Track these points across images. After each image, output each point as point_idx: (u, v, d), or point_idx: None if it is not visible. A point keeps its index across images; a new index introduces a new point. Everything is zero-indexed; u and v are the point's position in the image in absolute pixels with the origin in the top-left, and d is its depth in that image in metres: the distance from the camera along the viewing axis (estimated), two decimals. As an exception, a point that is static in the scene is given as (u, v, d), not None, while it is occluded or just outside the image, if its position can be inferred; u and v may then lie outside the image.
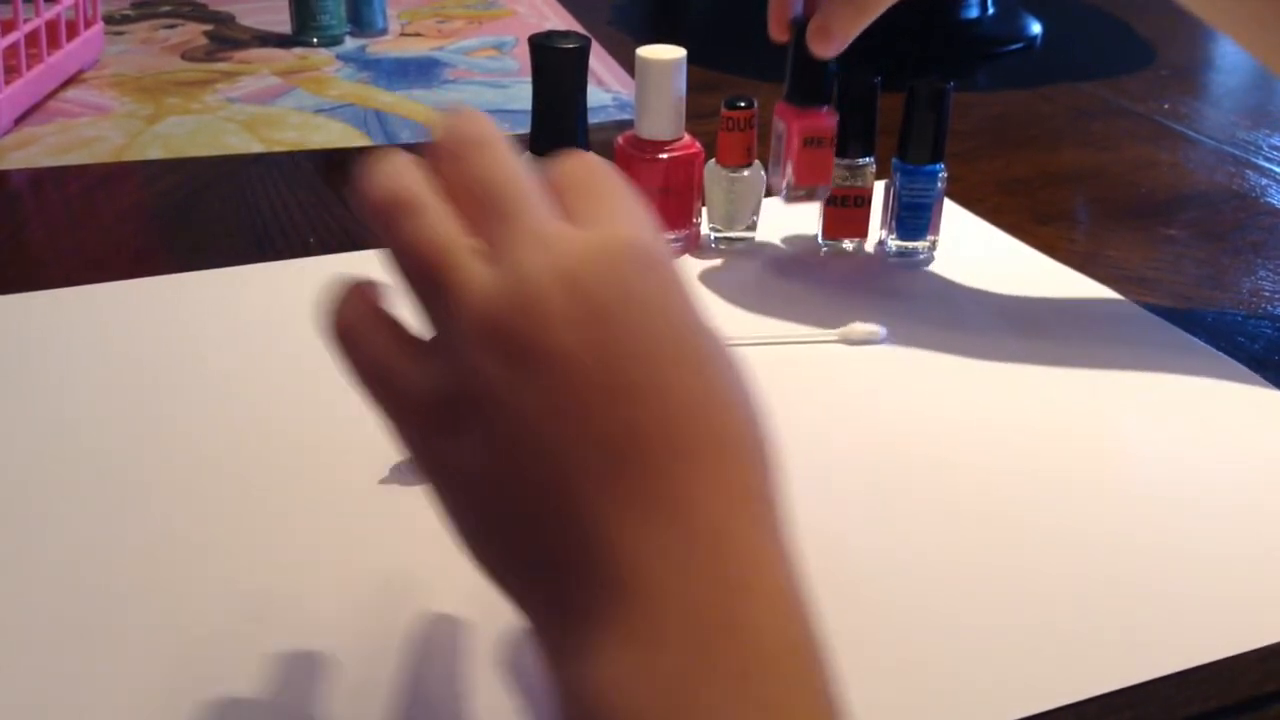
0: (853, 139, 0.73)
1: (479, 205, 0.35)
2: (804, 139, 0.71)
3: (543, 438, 0.31)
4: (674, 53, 0.73)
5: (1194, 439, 0.60)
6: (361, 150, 0.95)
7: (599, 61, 1.14)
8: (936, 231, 0.76)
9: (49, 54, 1.01)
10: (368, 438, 0.57)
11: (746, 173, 0.75)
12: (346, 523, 0.52)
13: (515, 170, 0.35)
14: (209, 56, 1.16)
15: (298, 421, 0.59)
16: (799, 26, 0.69)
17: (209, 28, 1.25)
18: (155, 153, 0.93)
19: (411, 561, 0.50)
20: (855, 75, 0.72)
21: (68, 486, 0.54)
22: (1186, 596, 0.49)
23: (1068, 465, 0.58)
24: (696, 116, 0.76)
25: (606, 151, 0.75)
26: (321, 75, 1.12)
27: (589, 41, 0.69)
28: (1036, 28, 1.25)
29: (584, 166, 0.37)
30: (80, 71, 1.08)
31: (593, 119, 0.73)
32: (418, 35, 1.24)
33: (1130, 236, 0.82)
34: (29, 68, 0.98)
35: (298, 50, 1.18)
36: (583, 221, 0.34)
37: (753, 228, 0.77)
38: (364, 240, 0.78)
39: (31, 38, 0.98)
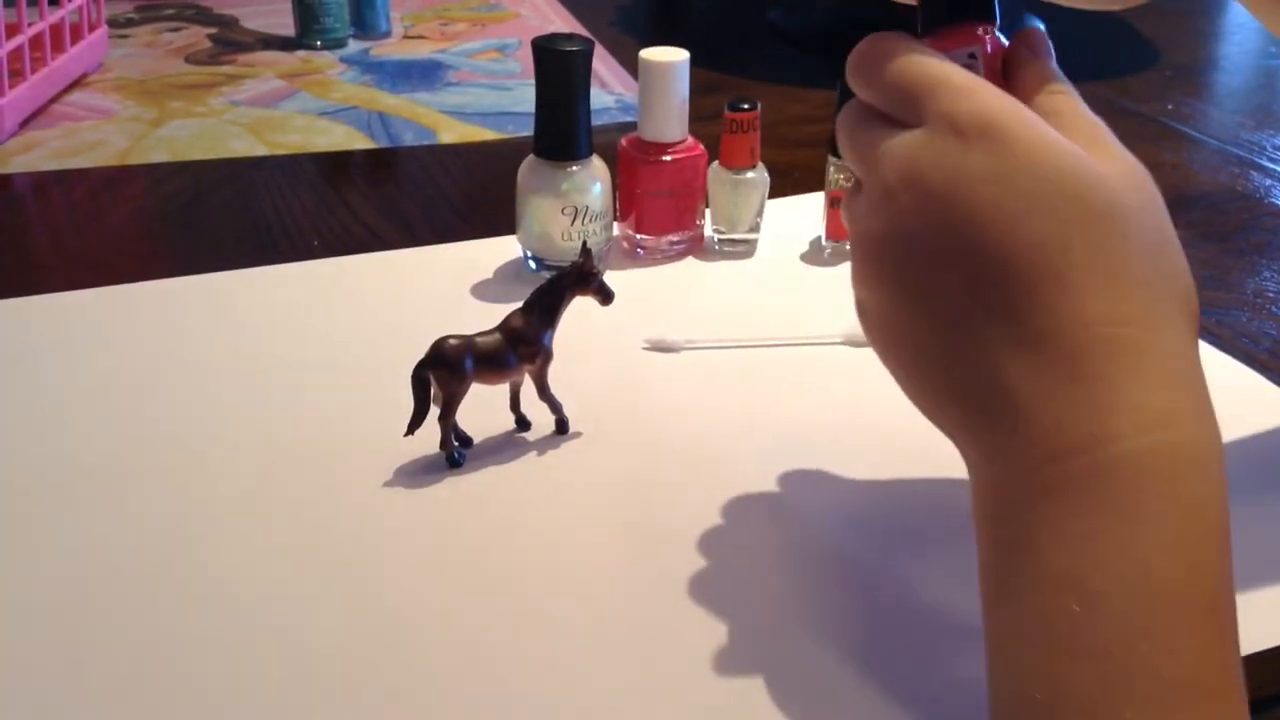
0: None
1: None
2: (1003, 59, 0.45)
3: (930, 277, 0.38)
4: (677, 55, 0.73)
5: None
6: (365, 153, 0.95)
7: (602, 63, 1.14)
8: (940, 233, 0.76)
9: (53, 58, 1.01)
10: (372, 440, 0.57)
11: (750, 174, 0.75)
12: (350, 525, 0.52)
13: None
14: (212, 60, 1.16)
15: (302, 424, 0.59)
16: None
17: (212, 31, 1.25)
18: (159, 156, 0.93)
19: (413, 562, 0.50)
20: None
21: (70, 489, 0.54)
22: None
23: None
24: (699, 118, 0.76)
25: (610, 154, 0.75)
26: (325, 78, 1.12)
27: (592, 44, 0.69)
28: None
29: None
30: (84, 75, 1.09)
31: (596, 121, 0.73)
32: (421, 38, 1.24)
33: (1134, 237, 0.82)
34: (33, 71, 0.98)
35: (301, 53, 1.18)
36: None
37: (756, 229, 0.77)
38: (367, 244, 0.79)
39: (35, 41, 0.98)
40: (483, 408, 0.57)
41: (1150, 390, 0.35)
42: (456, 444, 0.56)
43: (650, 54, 0.73)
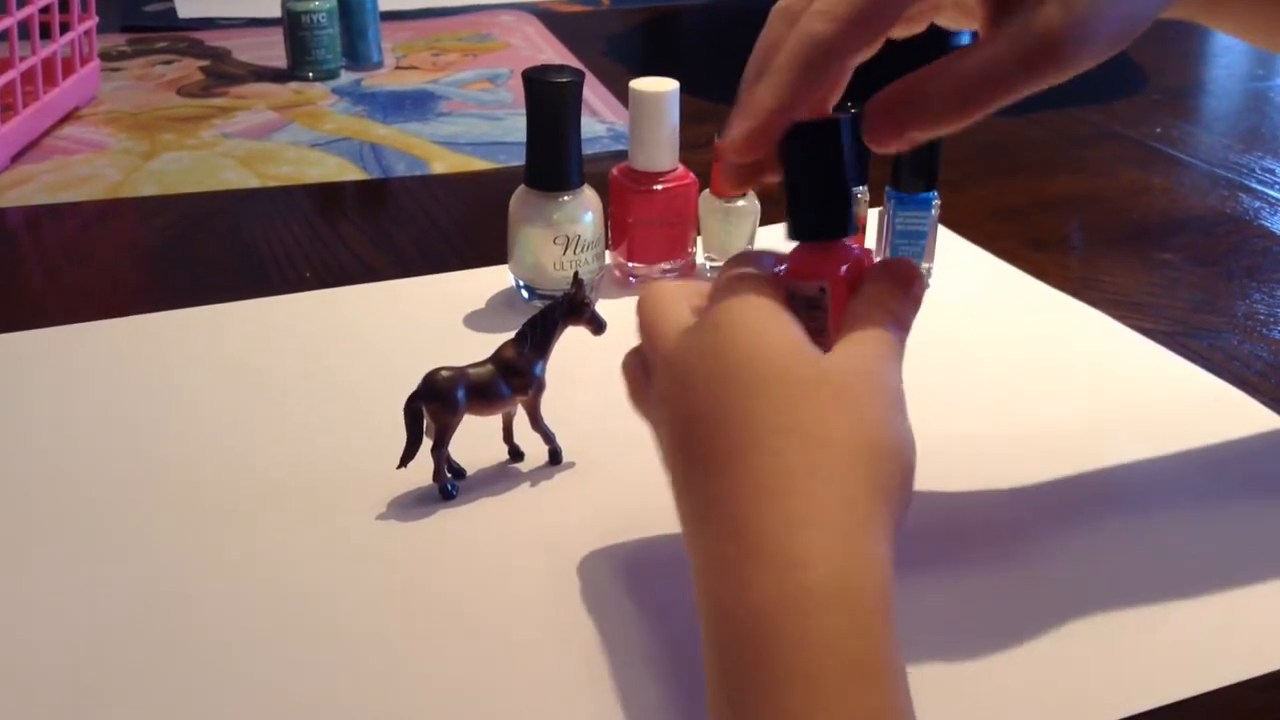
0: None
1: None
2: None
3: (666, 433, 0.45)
4: (667, 85, 0.73)
5: (1191, 465, 0.60)
6: (357, 184, 0.95)
7: (593, 92, 1.14)
8: (931, 259, 0.76)
9: (45, 91, 1.01)
10: (365, 472, 0.57)
11: (741, 203, 0.75)
12: (343, 557, 0.52)
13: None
14: (205, 92, 1.16)
15: (295, 456, 0.59)
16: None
17: (205, 63, 1.25)
18: (151, 189, 0.93)
19: (406, 594, 0.50)
20: (848, 104, 0.73)
21: (64, 522, 0.54)
22: (1183, 625, 0.49)
23: (1063, 493, 0.57)
24: (691, 146, 0.76)
25: (602, 182, 0.75)
26: (317, 109, 1.12)
27: (582, 75, 0.70)
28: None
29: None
30: (76, 108, 1.09)
31: (587, 150, 0.74)
32: (413, 68, 1.25)
33: (1124, 261, 0.82)
34: (25, 105, 0.98)
35: (293, 85, 1.19)
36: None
37: (748, 257, 0.77)
38: (359, 275, 0.79)
39: (28, 75, 0.98)
40: (476, 439, 0.57)
41: (788, 535, 0.37)
42: (449, 476, 0.56)
43: (641, 84, 0.73)
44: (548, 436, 0.58)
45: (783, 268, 0.46)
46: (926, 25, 0.46)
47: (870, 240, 0.78)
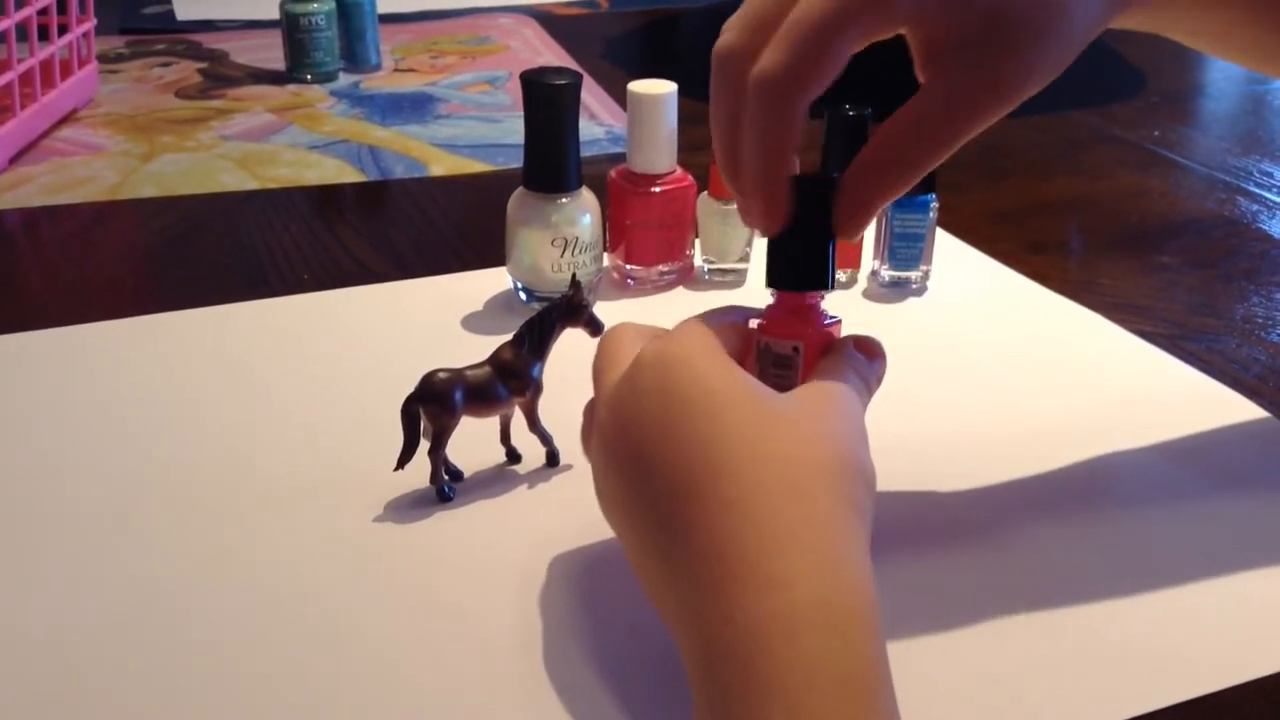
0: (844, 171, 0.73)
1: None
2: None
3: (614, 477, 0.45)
4: (665, 87, 0.73)
5: (1189, 469, 0.60)
6: (356, 186, 0.95)
7: (591, 95, 1.14)
8: (929, 261, 0.76)
9: (43, 93, 1.01)
10: (362, 474, 0.57)
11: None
12: (340, 559, 0.52)
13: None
14: (203, 94, 1.16)
15: (293, 458, 0.59)
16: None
17: (203, 65, 1.25)
18: (149, 191, 0.93)
19: (403, 597, 0.50)
20: (845, 107, 0.73)
21: (63, 525, 0.54)
22: (1183, 627, 0.49)
23: (1061, 497, 0.57)
24: (689, 148, 0.76)
25: (600, 184, 0.75)
26: (315, 111, 1.12)
27: (580, 77, 0.70)
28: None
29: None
30: (74, 110, 1.09)
31: (585, 152, 0.74)
32: (411, 71, 1.25)
33: (1122, 264, 0.82)
34: (23, 107, 0.98)
35: (291, 87, 1.19)
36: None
37: (746, 259, 0.77)
38: (357, 277, 0.79)
39: (25, 77, 0.98)
40: (473, 441, 0.57)
41: (771, 557, 0.38)
42: (447, 478, 0.56)
43: (638, 87, 0.73)
44: (545, 439, 0.58)
45: (757, 322, 0.47)
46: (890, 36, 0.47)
47: (868, 244, 0.78)
